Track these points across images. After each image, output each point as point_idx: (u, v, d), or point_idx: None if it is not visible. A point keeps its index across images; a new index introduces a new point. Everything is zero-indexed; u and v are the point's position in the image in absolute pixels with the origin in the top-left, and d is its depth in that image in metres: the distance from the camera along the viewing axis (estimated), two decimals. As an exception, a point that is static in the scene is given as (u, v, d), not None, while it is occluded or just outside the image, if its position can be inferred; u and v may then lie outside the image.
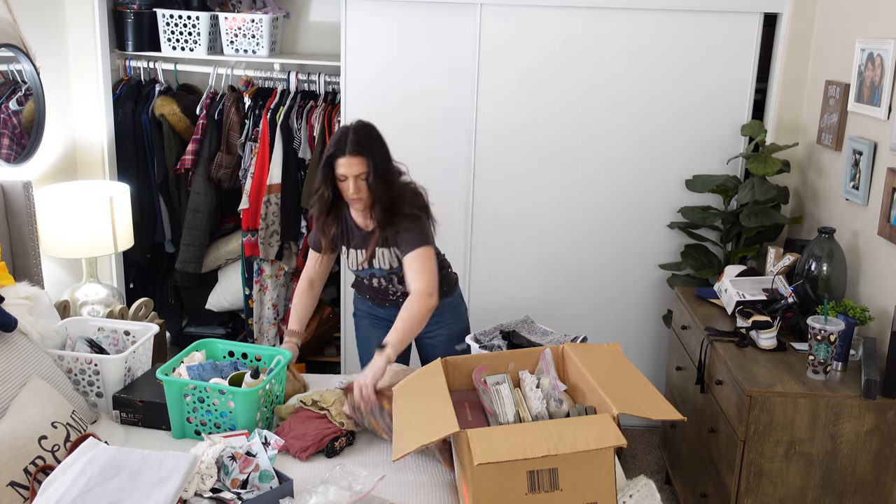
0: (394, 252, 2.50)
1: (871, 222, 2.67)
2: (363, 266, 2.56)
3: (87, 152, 3.49)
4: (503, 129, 3.43)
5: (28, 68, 3.04)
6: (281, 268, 3.75)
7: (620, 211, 3.50)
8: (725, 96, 3.37)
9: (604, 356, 2.19)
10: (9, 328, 2.26)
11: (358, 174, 2.35)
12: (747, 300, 2.75)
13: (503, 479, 1.71)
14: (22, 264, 2.91)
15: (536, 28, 3.31)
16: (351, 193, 2.38)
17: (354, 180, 2.35)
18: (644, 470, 3.36)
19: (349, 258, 2.59)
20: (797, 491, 2.38)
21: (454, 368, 2.19)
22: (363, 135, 2.36)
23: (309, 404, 2.36)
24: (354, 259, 2.57)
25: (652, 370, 3.65)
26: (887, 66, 2.56)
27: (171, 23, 3.52)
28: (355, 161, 2.33)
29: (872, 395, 2.27)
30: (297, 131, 3.57)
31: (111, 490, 1.78)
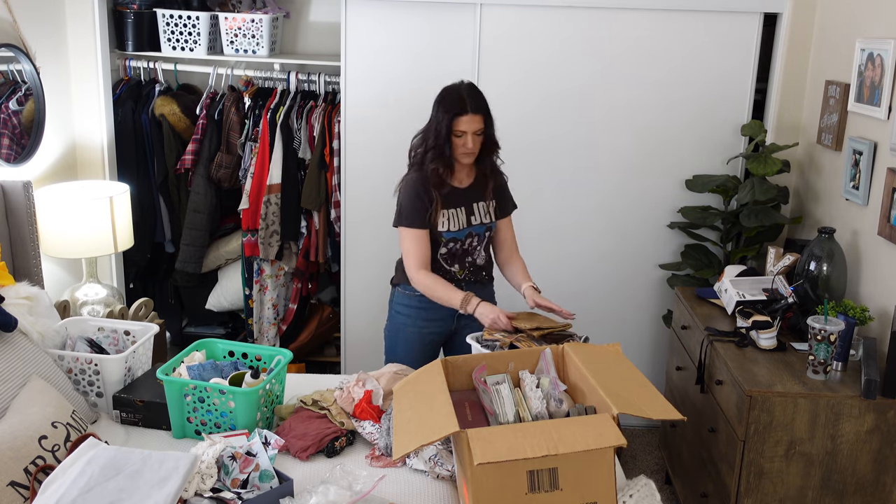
0: (490, 205, 2.72)
1: (871, 222, 2.67)
2: (462, 226, 2.67)
3: (87, 152, 3.49)
4: (502, 128, 3.40)
5: (28, 68, 3.04)
6: (281, 268, 3.75)
7: (620, 211, 3.50)
8: (725, 96, 3.37)
9: (604, 356, 2.18)
10: (9, 328, 2.26)
11: (476, 130, 2.57)
12: (747, 300, 2.75)
13: (503, 479, 1.71)
14: (22, 264, 2.91)
15: (536, 28, 3.31)
16: (470, 147, 2.58)
17: (472, 136, 2.57)
18: (644, 470, 3.36)
19: (447, 222, 2.65)
20: (797, 491, 2.38)
21: (454, 368, 2.19)
22: (478, 93, 2.61)
23: (309, 404, 2.36)
24: (455, 219, 2.66)
25: (652, 370, 3.65)
26: (887, 66, 2.56)
27: (171, 23, 3.52)
28: (476, 118, 2.57)
29: (872, 395, 2.27)
30: (297, 131, 3.57)
31: (111, 490, 1.78)
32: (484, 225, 2.71)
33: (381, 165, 3.46)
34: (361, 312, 3.64)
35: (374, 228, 3.53)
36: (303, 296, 3.84)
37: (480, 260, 2.75)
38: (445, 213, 2.64)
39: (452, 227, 2.65)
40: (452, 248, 2.69)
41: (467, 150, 2.58)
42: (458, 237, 2.67)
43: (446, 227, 2.64)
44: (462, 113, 2.55)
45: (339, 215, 3.58)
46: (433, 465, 2.10)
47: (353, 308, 3.63)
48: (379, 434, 2.23)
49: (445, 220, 2.64)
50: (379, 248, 3.55)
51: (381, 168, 3.46)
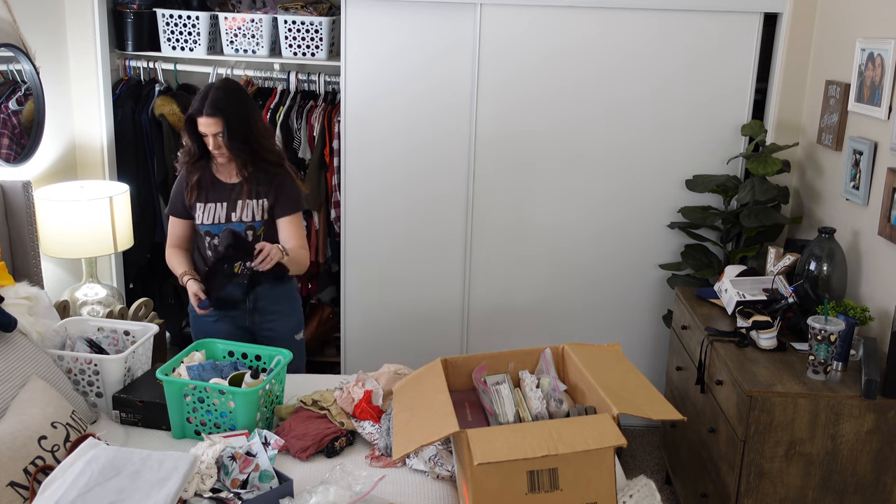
0: (260, 204, 2.68)
1: (871, 222, 2.67)
2: (220, 220, 2.68)
3: (86, 152, 3.49)
4: (503, 128, 3.42)
5: (28, 68, 3.04)
6: (281, 268, 3.75)
7: (620, 211, 3.50)
8: (725, 96, 3.37)
9: (604, 356, 2.18)
10: (9, 328, 2.26)
11: (215, 133, 2.56)
12: (747, 300, 2.75)
13: (503, 479, 1.71)
14: (22, 264, 2.91)
15: (536, 28, 3.31)
16: (217, 149, 2.59)
17: (214, 138, 2.57)
18: (644, 470, 3.35)
19: (202, 214, 2.69)
20: (797, 491, 2.38)
21: (454, 368, 2.19)
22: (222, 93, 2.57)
23: (309, 404, 2.36)
24: (211, 213, 2.68)
25: (652, 370, 3.65)
26: (887, 66, 2.56)
27: (170, 23, 3.52)
28: (213, 121, 2.55)
29: (873, 395, 2.27)
30: (297, 131, 3.57)
31: (111, 490, 1.78)
32: (244, 223, 2.68)
33: (382, 165, 3.46)
34: (361, 312, 3.64)
35: (373, 228, 3.53)
36: (303, 296, 3.84)
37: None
38: (202, 206, 2.68)
39: (206, 221, 2.68)
40: (211, 244, 2.71)
41: (217, 151, 2.60)
42: (213, 231, 2.69)
43: (201, 219, 2.69)
44: (198, 115, 2.56)
45: (339, 215, 3.58)
46: (433, 465, 2.10)
47: (353, 308, 3.64)
48: (379, 434, 2.23)
49: (201, 213, 2.68)
50: (379, 248, 3.55)
51: (381, 168, 3.47)
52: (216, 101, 2.54)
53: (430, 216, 3.52)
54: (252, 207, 2.68)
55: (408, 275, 3.58)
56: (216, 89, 2.57)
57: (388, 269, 3.59)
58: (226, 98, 2.56)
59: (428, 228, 3.53)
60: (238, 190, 2.68)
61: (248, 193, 2.67)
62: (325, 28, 3.46)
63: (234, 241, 2.59)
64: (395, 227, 3.53)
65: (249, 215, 2.69)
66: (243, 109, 2.60)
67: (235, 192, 2.68)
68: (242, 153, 2.61)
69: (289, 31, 3.48)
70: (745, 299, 2.76)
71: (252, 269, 2.62)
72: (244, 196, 2.67)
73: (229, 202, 2.69)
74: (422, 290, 3.60)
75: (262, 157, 2.65)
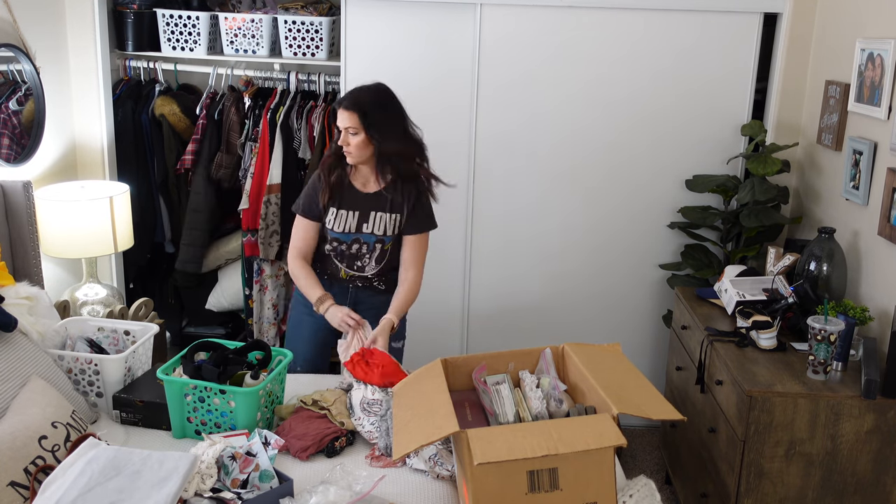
0: (394, 219, 2.58)
1: (871, 222, 2.67)
2: (350, 230, 2.58)
3: (87, 152, 3.49)
4: (503, 128, 3.43)
5: (28, 68, 3.04)
6: (281, 268, 3.75)
7: (620, 211, 3.50)
8: (725, 96, 3.37)
9: (604, 356, 2.18)
10: (9, 328, 2.26)
11: (348, 127, 2.48)
12: (747, 300, 2.75)
13: (503, 479, 1.71)
14: (22, 264, 2.91)
15: (536, 28, 3.31)
16: (347, 146, 2.51)
17: (346, 133, 2.50)
18: (644, 470, 3.36)
19: (334, 220, 2.60)
20: (797, 491, 2.38)
21: (454, 368, 2.19)
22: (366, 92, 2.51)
23: (309, 404, 2.36)
24: (342, 221, 2.58)
25: (652, 370, 3.65)
26: (887, 66, 2.56)
27: (171, 23, 3.52)
28: (348, 115, 2.47)
29: (872, 395, 2.27)
30: (297, 131, 3.57)
31: (111, 490, 1.78)
32: (375, 236, 2.60)
33: (381, 165, 3.46)
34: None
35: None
36: (303, 296, 3.84)
37: (370, 270, 2.65)
38: (335, 211, 2.59)
39: (337, 228, 2.60)
40: (337, 248, 2.64)
41: (347, 149, 2.51)
42: (342, 239, 2.61)
43: (332, 225, 2.60)
44: (338, 106, 2.50)
45: (339, 215, 3.58)
46: (433, 465, 2.10)
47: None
48: (379, 434, 2.23)
49: (332, 219, 2.60)
50: (379, 248, 3.55)
51: (381, 168, 3.46)
52: (358, 97, 2.48)
53: (430, 216, 3.52)
54: (385, 221, 2.58)
55: (408, 275, 3.58)
56: (366, 88, 2.52)
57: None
58: (370, 97, 2.49)
59: (428, 228, 3.53)
60: (373, 200, 2.57)
61: (382, 206, 2.56)
62: (325, 28, 3.46)
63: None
64: (395, 227, 3.53)
65: (381, 229, 2.59)
66: (387, 112, 2.50)
67: (370, 202, 2.58)
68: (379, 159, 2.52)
69: (289, 32, 3.48)
70: (745, 299, 2.76)
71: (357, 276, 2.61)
72: (378, 208, 2.57)
73: (362, 212, 2.58)
74: (422, 290, 3.59)
75: (401, 167, 2.54)
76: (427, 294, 3.59)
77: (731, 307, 2.82)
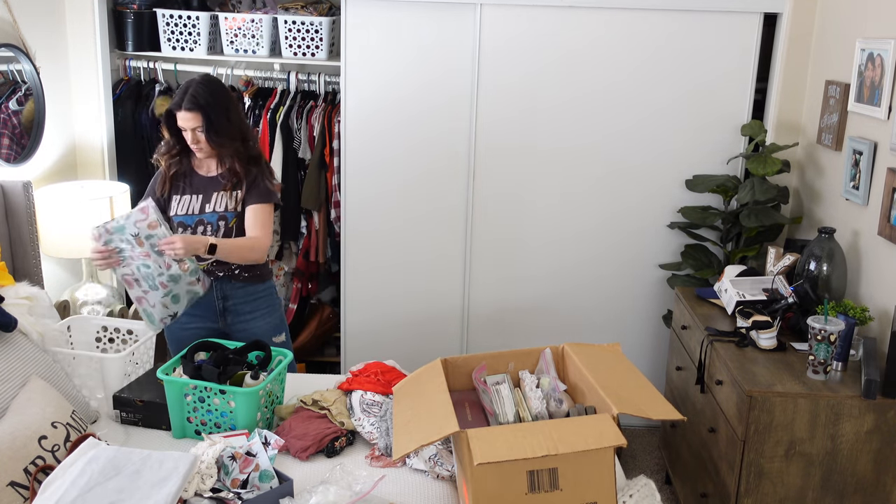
0: (233, 196, 2.64)
1: (871, 222, 2.67)
2: (193, 211, 2.65)
3: (87, 152, 3.49)
4: (503, 128, 3.43)
5: (28, 68, 3.04)
6: (281, 268, 3.75)
7: (620, 211, 3.50)
8: (725, 96, 3.37)
9: (604, 356, 2.19)
10: (9, 328, 2.26)
11: (195, 127, 2.55)
12: (747, 300, 2.75)
13: (503, 479, 1.71)
14: (22, 264, 2.91)
15: (536, 28, 3.31)
16: (197, 143, 2.58)
17: (193, 133, 2.56)
18: (644, 470, 3.36)
19: (177, 206, 2.67)
20: (797, 491, 2.38)
21: (454, 368, 2.20)
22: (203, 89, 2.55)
23: (309, 404, 2.36)
24: (186, 204, 2.66)
25: (652, 370, 3.65)
26: (887, 66, 2.56)
27: (171, 23, 3.52)
28: (191, 116, 2.53)
29: (872, 395, 2.27)
30: (297, 131, 3.57)
31: (111, 490, 1.78)
32: (217, 213, 2.65)
33: (382, 165, 3.46)
34: (361, 312, 3.64)
35: (373, 228, 3.53)
36: (303, 296, 3.84)
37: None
38: (178, 197, 2.67)
39: (181, 212, 2.67)
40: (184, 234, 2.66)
41: (196, 146, 2.59)
42: (186, 222, 2.67)
43: (175, 210, 2.68)
44: (176, 108, 2.56)
45: (339, 215, 3.58)
46: (433, 465, 2.10)
47: (353, 308, 3.64)
48: (379, 434, 2.23)
49: (176, 205, 2.68)
50: (379, 247, 3.55)
51: (382, 168, 3.47)
52: (196, 96, 2.53)
53: (431, 216, 3.52)
54: (226, 198, 2.65)
55: (408, 274, 3.58)
56: (196, 84, 2.56)
57: (388, 269, 3.59)
58: (206, 93, 2.54)
59: (428, 228, 3.53)
60: (216, 182, 2.66)
61: (224, 186, 2.64)
62: (325, 28, 3.46)
63: None
64: (395, 226, 3.53)
65: (223, 206, 2.65)
66: (224, 105, 2.58)
67: (213, 185, 2.66)
68: (223, 148, 2.60)
69: (289, 32, 3.48)
70: (745, 299, 2.76)
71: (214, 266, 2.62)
72: (220, 188, 2.65)
73: (205, 194, 2.66)
74: (422, 290, 3.61)
75: (242, 152, 2.63)
76: (427, 294, 3.60)
77: (731, 307, 2.82)
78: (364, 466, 2.15)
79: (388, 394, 2.37)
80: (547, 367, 2.19)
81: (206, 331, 2.72)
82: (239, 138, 2.62)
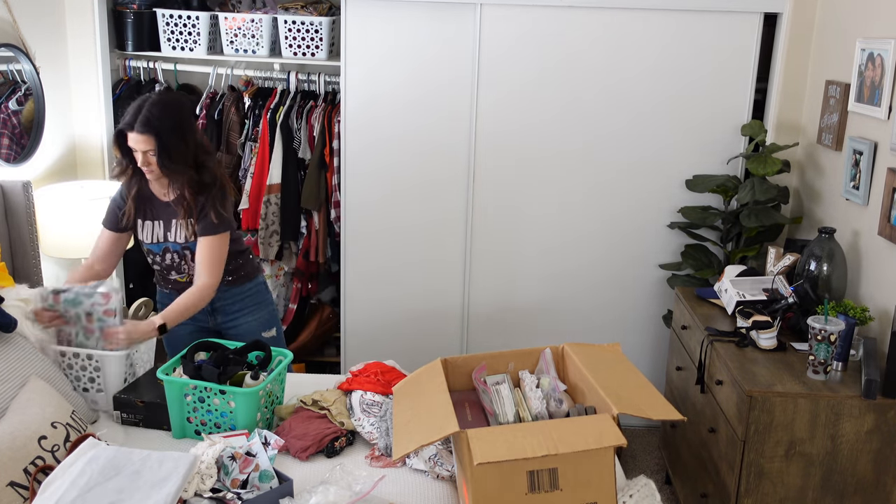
0: (191, 225, 2.53)
1: (871, 222, 2.67)
2: (158, 239, 2.59)
3: (87, 152, 3.49)
4: (503, 129, 3.43)
5: (28, 68, 3.04)
6: (281, 268, 3.75)
7: (620, 211, 3.50)
8: (725, 96, 3.37)
9: (604, 356, 2.19)
10: (9, 328, 2.26)
11: (146, 150, 2.41)
12: (747, 300, 2.75)
13: (503, 479, 1.71)
14: (22, 264, 2.91)
15: (536, 28, 3.31)
16: (146, 165, 2.45)
17: (144, 155, 2.43)
18: (644, 470, 3.35)
19: (143, 232, 2.60)
20: (797, 491, 2.38)
21: (454, 368, 2.20)
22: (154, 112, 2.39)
23: (309, 404, 2.36)
24: (150, 232, 2.59)
25: (652, 370, 3.65)
26: (887, 66, 2.56)
27: (170, 23, 3.52)
28: (143, 138, 2.39)
29: (873, 396, 2.27)
30: (297, 131, 3.57)
31: (111, 490, 1.78)
32: (179, 244, 2.58)
33: (381, 165, 3.46)
34: (361, 312, 3.64)
35: (373, 228, 3.53)
36: (303, 296, 3.84)
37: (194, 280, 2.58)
38: (142, 223, 2.59)
39: (147, 239, 2.60)
40: (154, 260, 2.65)
41: (147, 168, 2.45)
42: (154, 250, 2.62)
43: (142, 236, 2.61)
44: (128, 129, 2.41)
45: (339, 215, 3.58)
46: (433, 465, 2.10)
47: (353, 308, 3.64)
48: (379, 434, 2.23)
49: (142, 231, 2.61)
50: (379, 247, 3.55)
51: (381, 168, 3.47)
52: (149, 118, 2.37)
53: (431, 216, 3.52)
54: (182, 228, 2.55)
55: (408, 274, 3.59)
56: (151, 104, 2.40)
57: (388, 269, 3.59)
58: (161, 114, 2.39)
59: (428, 228, 3.53)
60: (172, 210, 2.56)
61: (181, 213, 2.52)
62: (325, 28, 3.46)
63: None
64: (395, 226, 3.53)
65: (182, 237, 2.57)
66: (180, 127, 2.43)
67: (170, 212, 2.56)
68: (176, 174, 2.46)
69: (289, 31, 3.48)
70: (745, 299, 2.76)
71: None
72: (178, 217, 2.54)
73: (165, 221, 2.57)
74: (422, 290, 3.61)
75: (194, 179, 2.50)
76: (427, 294, 3.60)
77: (731, 307, 2.82)
78: (364, 466, 2.15)
79: (388, 394, 2.37)
80: (547, 367, 2.19)
81: (198, 329, 2.74)
82: (193, 165, 2.48)
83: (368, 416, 2.30)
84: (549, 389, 2.07)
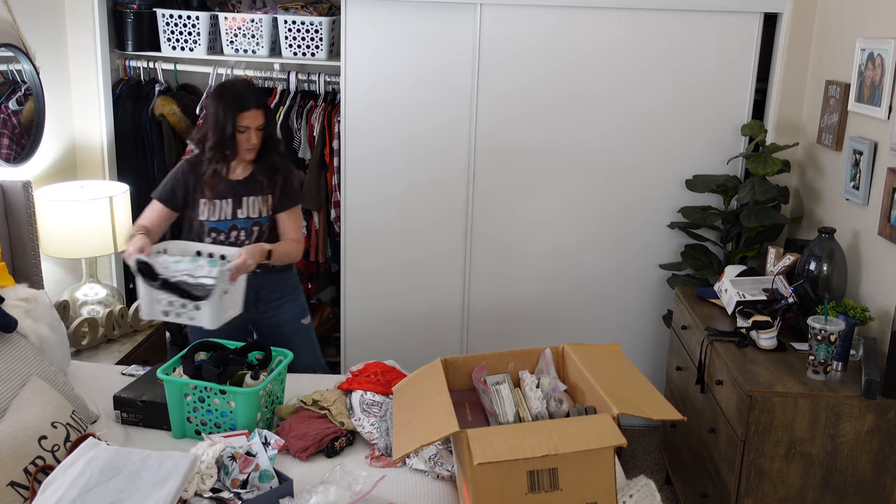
0: (265, 201, 2.74)
1: (871, 222, 2.67)
2: (226, 217, 2.70)
3: (87, 152, 3.49)
4: (503, 127, 3.42)
5: (28, 68, 3.04)
6: (281, 268, 3.75)
7: (620, 211, 3.50)
8: (725, 96, 3.37)
9: (604, 356, 2.19)
10: (9, 328, 2.26)
11: (258, 125, 2.65)
12: (747, 300, 2.75)
13: (503, 479, 1.71)
14: (22, 264, 2.91)
15: (536, 28, 3.31)
16: (254, 143, 2.66)
17: (255, 132, 2.65)
18: (644, 470, 3.35)
19: (208, 211, 2.70)
20: (797, 491, 2.38)
21: (454, 368, 2.20)
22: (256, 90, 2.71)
23: (309, 404, 2.36)
24: (218, 209, 2.70)
25: (652, 370, 3.65)
26: (887, 66, 2.56)
27: (170, 23, 3.52)
28: (258, 113, 2.64)
29: (873, 395, 2.27)
30: (297, 131, 3.57)
31: (111, 490, 1.78)
32: (251, 219, 2.74)
33: (381, 165, 3.46)
34: (361, 312, 3.64)
35: (373, 228, 3.53)
36: (303, 296, 3.84)
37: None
38: (207, 202, 2.70)
39: (213, 217, 2.70)
40: (216, 239, 2.73)
41: (251, 145, 2.66)
42: (219, 228, 2.72)
43: (206, 216, 2.70)
44: (244, 108, 2.62)
45: (339, 215, 3.58)
46: (433, 465, 2.10)
47: (353, 308, 3.64)
48: (379, 434, 2.23)
49: (205, 209, 2.70)
50: (379, 247, 3.55)
51: (381, 168, 3.47)
52: (258, 95, 2.67)
53: (431, 215, 3.52)
54: (259, 203, 2.73)
55: (408, 275, 3.58)
56: (246, 84, 2.71)
57: (388, 270, 3.59)
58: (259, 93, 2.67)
59: (428, 227, 3.53)
60: (245, 186, 2.72)
61: (255, 189, 2.72)
62: (325, 28, 3.46)
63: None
64: (395, 227, 3.53)
65: (256, 211, 2.73)
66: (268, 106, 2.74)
67: (242, 188, 2.72)
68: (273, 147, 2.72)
69: (289, 31, 3.48)
70: (745, 299, 2.76)
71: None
72: (251, 192, 2.72)
73: (234, 199, 2.71)
74: (422, 290, 3.60)
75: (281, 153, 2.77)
76: (427, 294, 3.60)
77: (731, 307, 2.82)
78: (364, 466, 2.15)
79: (388, 394, 2.37)
80: (547, 367, 2.19)
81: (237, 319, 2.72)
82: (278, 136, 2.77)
83: (368, 416, 2.30)
84: (549, 389, 2.07)
